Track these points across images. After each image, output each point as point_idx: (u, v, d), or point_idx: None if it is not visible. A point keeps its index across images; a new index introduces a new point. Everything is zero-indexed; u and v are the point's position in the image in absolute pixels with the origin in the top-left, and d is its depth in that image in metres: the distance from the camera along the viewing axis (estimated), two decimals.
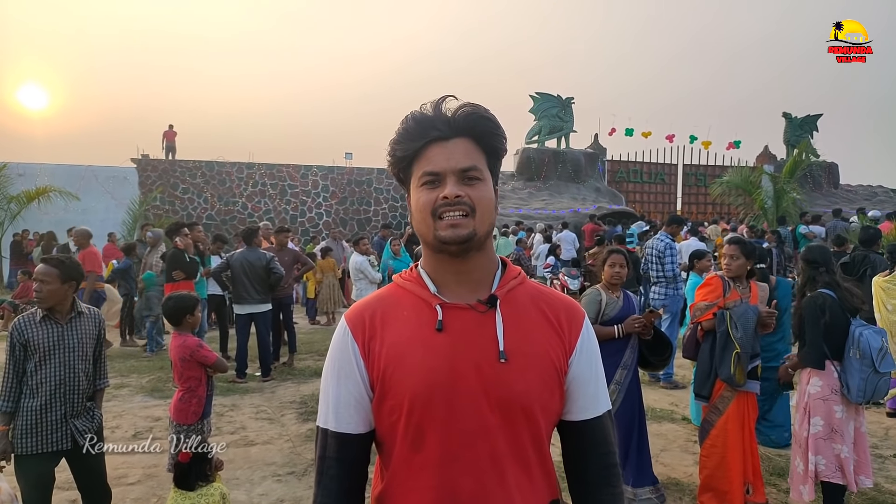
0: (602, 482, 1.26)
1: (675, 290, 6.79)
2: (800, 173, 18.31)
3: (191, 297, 3.93)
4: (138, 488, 4.16)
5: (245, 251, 7.14)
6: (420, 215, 1.19)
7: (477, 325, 1.18)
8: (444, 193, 1.15)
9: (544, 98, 22.49)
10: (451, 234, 1.15)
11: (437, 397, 1.14)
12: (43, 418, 3.01)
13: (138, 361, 7.96)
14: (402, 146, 1.21)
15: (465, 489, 1.14)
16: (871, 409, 5.22)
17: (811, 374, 3.56)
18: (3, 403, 2.98)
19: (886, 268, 5.80)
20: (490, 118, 1.21)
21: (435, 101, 1.21)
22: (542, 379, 1.19)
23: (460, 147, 1.18)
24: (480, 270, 1.23)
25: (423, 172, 1.18)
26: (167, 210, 19.62)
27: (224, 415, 5.68)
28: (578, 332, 1.25)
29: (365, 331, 1.21)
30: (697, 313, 3.84)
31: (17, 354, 3.02)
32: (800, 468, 3.57)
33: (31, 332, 3.03)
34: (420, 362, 1.15)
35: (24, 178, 16.86)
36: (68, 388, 3.08)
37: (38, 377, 3.02)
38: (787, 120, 24.85)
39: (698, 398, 3.83)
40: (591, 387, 1.26)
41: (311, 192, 21.12)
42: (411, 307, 1.22)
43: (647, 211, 22.93)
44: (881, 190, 26.45)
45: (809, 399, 3.54)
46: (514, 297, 1.23)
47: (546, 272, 10.90)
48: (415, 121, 1.20)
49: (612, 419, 1.30)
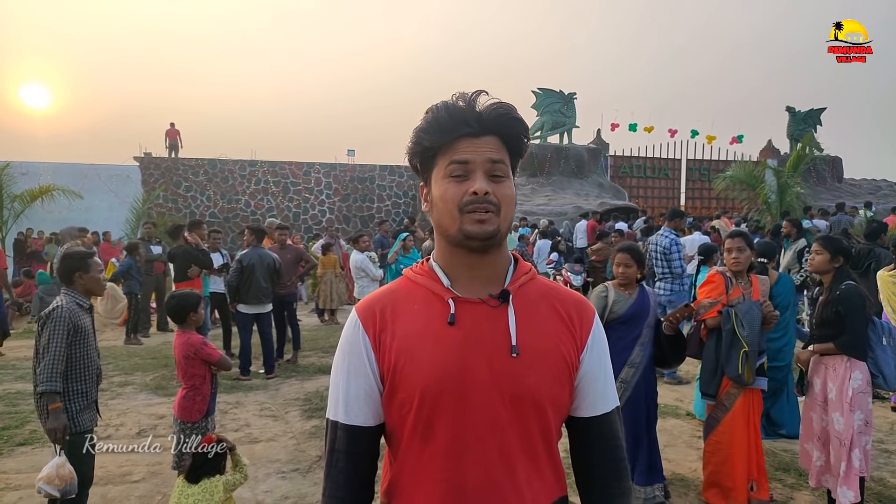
0: (610, 477, 1.26)
1: (680, 285, 6.77)
2: (803, 167, 18.21)
3: (193, 294, 3.94)
4: (143, 486, 4.17)
5: (259, 250, 7.12)
6: (445, 207, 1.18)
7: (489, 319, 1.18)
8: (474, 188, 1.15)
9: (546, 94, 22.41)
10: (478, 229, 1.15)
11: (448, 391, 1.14)
12: (90, 398, 3.31)
13: (142, 359, 7.97)
14: (431, 137, 1.19)
15: (475, 482, 1.14)
16: (876, 404, 5.20)
17: (851, 369, 3.48)
18: (56, 384, 3.13)
19: (892, 261, 5.78)
20: (520, 120, 1.22)
21: (467, 96, 1.20)
22: (554, 374, 1.19)
23: (490, 143, 1.19)
24: (494, 266, 1.23)
25: (452, 161, 1.17)
26: (170, 208, 19.65)
27: (228, 412, 5.68)
28: (590, 329, 1.26)
29: (376, 324, 1.21)
30: (701, 311, 3.79)
31: (70, 339, 3.21)
32: (842, 468, 3.44)
33: (82, 318, 3.28)
34: (431, 356, 1.16)
35: (27, 176, 16.88)
36: (100, 370, 3.45)
37: (85, 360, 3.28)
38: (790, 114, 24.73)
39: (705, 397, 3.79)
40: (601, 383, 1.26)
41: (314, 189, 21.13)
42: (423, 300, 1.22)
43: (651, 206, 22.84)
44: (885, 184, 26.31)
45: (853, 394, 3.45)
46: (526, 293, 1.23)
47: (549, 268, 10.88)
48: (447, 112, 1.18)
49: (619, 415, 1.31)
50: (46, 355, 3.11)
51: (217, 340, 7.99)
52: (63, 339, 3.14)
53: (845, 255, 3.62)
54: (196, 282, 7.48)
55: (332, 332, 9.62)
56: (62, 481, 2.98)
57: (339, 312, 10.96)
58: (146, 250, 9.66)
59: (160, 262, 9.79)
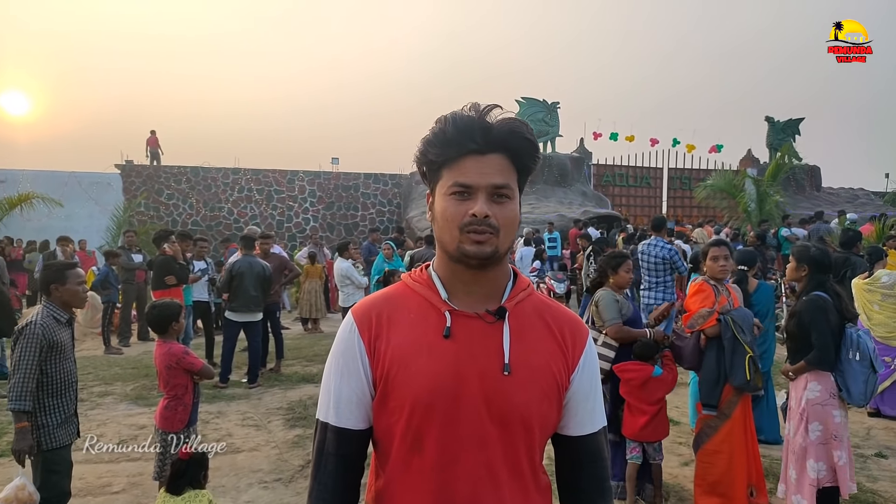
0: (595, 495, 1.28)
1: (672, 294, 6.89)
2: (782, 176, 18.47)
3: (175, 304, 3.91)
4: (123, 497, 4.12)
5: (249, 258, 7.06)
6: (446, 224, 1.18)
7: (484, 335, 1.19)
8: (474, 211, 1.14)
9: (530, 103, 22.58)
10: (475, 249, 1.15)
11: (439, 403, 1.15)
12: (67, 412, 3.29)
13: (123, 369, 7.88)
14: (436, 151, 1.18)
15: (462, 496, 1.15)
16: (852, 409, 5.28)
17: (809, 379, 3.49)
18: (27, 403, 3.09)
19: (866, 269, 5.89)
20: (530, 139, 1.20)
21: (479, 108, 1.18)
22: (544, 393, 1.20)
23: (495, 163, 1.17)
24: (493, 282, 1.24)
25: (455, 182, 1.16)
26: (152, 216, 19.46)
27: (210, 422, 5.63)
28: (582, 349, 1.26)
29: (372, 329, 1.22)
30: (700, 321, 3.70)
31: (43, 355, 3.17)
32: (793, 477, 3.50)
33: (58, 333, 3.24)
34: (425, 367, 1.16)
35: (5, 184, 16.65)
36: (76, 383, 3.42)
37: (62, 374, 3.25)
38: (769, 124, 25.09)
39: (706, 408, 3.68)
40: (590, 403, 1.28)
41: (298, 197, 21.05)
42: (419, 310, 1.22)
43: (634, 214, 23.07)
44: (862, 192, 26.77)
45: (807, 405, 3.45)
46: (522, 310, 1.24)
47: (532, 276, 10.93)
48: (454, 126, 1.16)
49: (605, 435, 1.32)
50: (17, 373, 3.07)
51: (199, 350, 7.92)
52: (34, 357, 3.09)
53: (809, 263, 3.60)
54: (174, 291, 7.40)
55: (316, 342, 9.58)
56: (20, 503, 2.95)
57: (324, 321, 10.92)
58: (127, 259, 9.56)
59: (141, 270, 9.70)
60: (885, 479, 4.35)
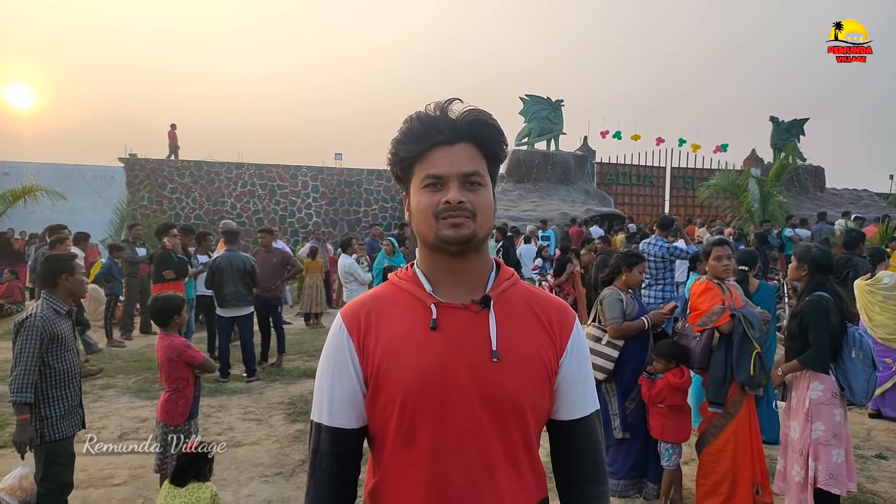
0: (589, 480, 1.29)
1: (668, 292, 6.90)
2: (786, 177, 18.43)
3: (177, 297, 3.93)
4: (124, 489, 4.14)
5: (230, 253, 7.02)
6: (421, 216, 1.20)
7: (470, 324, 1.20)
8: (447, 198, 1.17)
9: (534, 100, 22.54)
10: (453, 233, 1.17)
11: (430, 394, 1.16)
12: (71, 403, 3.30)
13: (125, 362, 7.91)
14: (406, 147, 1.21)
15: (456, 485, 1.17)
16: (853, 410, 5.28)
17: (811, 379, 3.50)
18: (28, 395, 3.11)
19: (868, 270, 5.88)
20: (494, 125, 1.23)
21: (441, 104, 1.21)
22: (533, 379, 1.21)
23: (464, 152, 1.20)
24: (476, 271, 1.25)
25: (427, 175, 1.19)
26: (155, 210, 19.49)
27: (211, 416, 5.66)
28: (569, 334, 1.28)
29: (360, 328, 1.23)
30: (714, 318, 3.67)
31: (44, 348, 3.18)
32: (799, 476, 3.49)
33: (58, 325, 3.24)
34: (414, 360, 1.18)
35: (9, 176, 16.69)
36: (79, 374, 3.45)
37: (64, 366, 3.26)
38: (773, 124, 25.03)
39: (713, 406, 3.67)
40: (581, 387, 1.29)
41: (301, 192, 21.06)
42: (406, 305, 1.24)
43: (636, 213, 23.05)
44: (866, 194, 26.70)
45: (811, 404, 3.46)
46: (507, 298, 1.25)
47: (534, 274, 10.93)
48: (420, 122, 1.20)
49: (599, 419, 1.33)
50: (18, 365, 3.08)
51: (201, 343, 7.95)
52: (35, 349, 3.10)
53: (810, 263, 3.60)
54: (175, 284, 7.41)
55: (318, 336, 9.59)
56: (23, 493, 2.99)
57: (325, 316, 10.94)
58: (131, 252, 9.58)
59: (145, 263, 9.71)
60: (885, 480, 4.35)
